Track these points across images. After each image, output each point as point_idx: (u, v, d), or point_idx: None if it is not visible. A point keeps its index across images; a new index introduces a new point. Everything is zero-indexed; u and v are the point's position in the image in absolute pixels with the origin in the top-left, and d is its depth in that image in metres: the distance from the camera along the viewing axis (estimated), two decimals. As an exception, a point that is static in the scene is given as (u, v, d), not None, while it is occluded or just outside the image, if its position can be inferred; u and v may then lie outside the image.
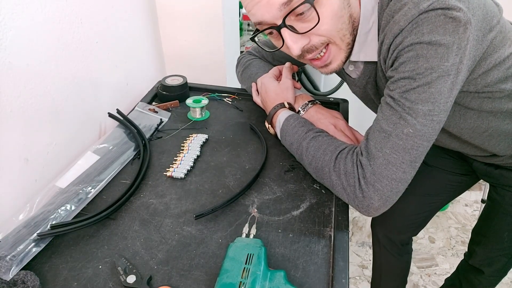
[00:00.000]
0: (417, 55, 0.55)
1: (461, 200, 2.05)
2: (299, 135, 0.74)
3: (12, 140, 0.65)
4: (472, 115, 0.71)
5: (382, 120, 0.60)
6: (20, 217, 0.64)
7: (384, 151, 0.59)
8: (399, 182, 0.60)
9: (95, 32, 0.85)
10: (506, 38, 0.63)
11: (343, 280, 0.56)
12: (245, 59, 0.98)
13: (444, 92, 0.56)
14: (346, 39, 0.64)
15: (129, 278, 0.55)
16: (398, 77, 0.57)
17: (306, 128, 0.74)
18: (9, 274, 0.55)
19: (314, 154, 0.69)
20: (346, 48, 0.66)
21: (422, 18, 0.54)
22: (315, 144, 0.70)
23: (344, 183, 0.64)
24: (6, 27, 0.61)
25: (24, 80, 0.66)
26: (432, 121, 0.57)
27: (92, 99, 0.87)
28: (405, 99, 0.57)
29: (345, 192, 0.65)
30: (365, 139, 0.63)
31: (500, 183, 0.91)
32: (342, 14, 0.61)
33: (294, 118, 0.77)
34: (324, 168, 0.67)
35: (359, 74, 0.72)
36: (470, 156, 0.92)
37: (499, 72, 0.64)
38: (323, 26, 0.61)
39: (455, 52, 0.54)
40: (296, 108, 0.86)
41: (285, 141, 0.79)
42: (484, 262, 1.07)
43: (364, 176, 0.61)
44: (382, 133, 0.60)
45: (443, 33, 0.53)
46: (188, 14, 1.13)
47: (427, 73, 0.55)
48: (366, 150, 0.62)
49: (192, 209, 0.69)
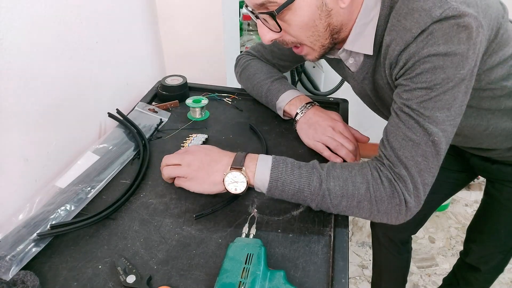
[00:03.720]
0: (434, 66, 0.56)
1: (461, 200, 2.05)
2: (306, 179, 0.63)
3: (12, 140, 0.65)
4: (472, 113, 0.71)
5: (406, 129, 0.60)
6: (20, 217, 0.64)
7: (416, 159, 0.60)
8: (430, 185, 0.62)
9: (95, 32, 0.85)
10: (511, 37, 0.65)
11: (343, 280, 0.56)
12: (243, 59, 0.98)
13: (459, 97, 0.58)
14: (319, 43, 0.66)
15: (129, 278, 0.55)
16: (414, 87, 0.58)
17: (307, 168, 0.65)
18: (9, 274, 0.55)
19: (342, 193, 0.62)
20: (320, 49, 0.68)
21: (436, 28, 0.55)
22: (336, 182, 0.62)
23: (388, 207, 0.61)
24: (6, 27, 0.61)
25: (24, 80, 0.66)
26: (450, 125, 0.59)
27: (92, 99, 0.87)
28: (424, 109, 0.58)
29: (386, 216, 0.63)
30: (390, 148, 0.62)
31: (498, 177, 0.93)
32: (316, 24, 0.62)
33: (282, 162, 0.65)
34: (362, 202, 0.62)
35: (358, 68, 0.72)
36: (467, 151, 0.92)
37: (502, 70, 0.66)
38: (292, 31, 0.64)
39: (470, 58, 0.56)
40: (294, 110, 0.86)
41: (283, 191, 0.64)
42: (481, 260, 1.07)
43: (406, 187, 0.61)
44: (410, 142, 0.60)
45: (457, 43, 0.54)
46: (188, 14, 1.13)
47: (444, 83, 0.56)
48: (399, 160, 0.61)
49: (192, 209, 0.69)
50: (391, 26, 0.60)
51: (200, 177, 0.67)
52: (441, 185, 1.04)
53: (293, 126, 0.87)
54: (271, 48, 0.94)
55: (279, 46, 0.92)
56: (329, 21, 0.62)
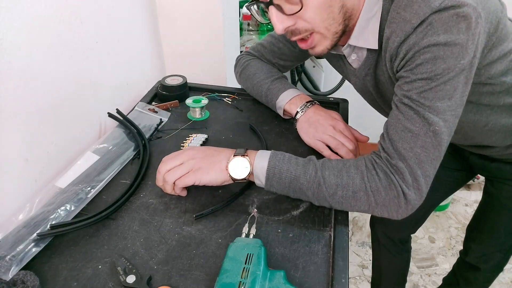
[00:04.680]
0: (434, 57, 0.56)
1: (461, 200, 2.05)
2: (302, 168, 0.65)
3: (12, 140, 0.65)
4: (471, 109, 0.72)
5: (405, 120, 0.60)
6: (20, 217, 0.64)
7: (415, 150, 0.59)
8: (431, 177, 0.61)
9: (95, 32, 0.85)
10: (510, 32, 0.65)
11: (343, 280, 0.56)
12: (243, 59, 0.98)
13: (459, 87, 0.58)
14: (333, 29, 0.65)
15: (129, 278, 0.55)
16: (414, 78, 0.58)
17: (304, 160, 0.67)
18: (9, 274, 0.55)
19: (337, 182, 0.62)
20: (333, 37, 0.66)
21: (435, 18, 0.55)
22: (331, 171, 0.63)
23: (386, 199, 0.61)
24: (6, 27, 0.61)
25: (24, 80, 0.66)
26: (451, 115, 0.59)
27: (92, 99, 0.87)
28: (424, 99, 0.58)
29: (386, 209, 0.62)
30: (388, 140, 0.62)
31: (497, 176, 0.93)
32: (332, 5, 0.62)
33: (280, 153, 0.67)
34: (358, 193, 0.62)
35: (360, 64, 0.72)
36: (466, 149, 0.92)
37: (502, 65, 0.66)
38: (307, 13, 0.62)
39: (470, 48, 0.56)
40: (294, 109, 0.86)
41: (280, 179, 0.65)
42: (480, 259, 1.07)
43: (404, 179, 0.60)
44: (408, 133, 0.60)
45: (457, 32, 0.54)
46: (188, 14, 1.13)
47: (444, 73, 0.56)
48: (396, 152, 0.61)
49: (192, 209, 0.69)
50: (391, 18, 0.60)
51: (205, 166, 0.67)
52: (440, 184, 1.04)
53: (293, 125, 0.87)
54: (271, 48, 0.94)
55: (279, 45, 0.92)
56: (343, 2, 0.62)
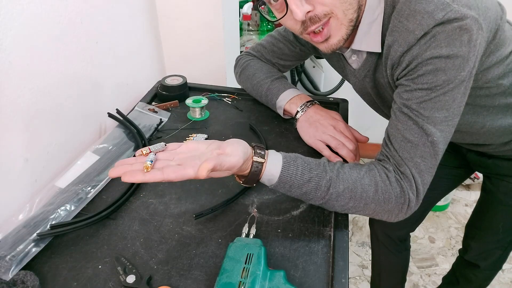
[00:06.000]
0: (436, 68, 0.57)
1: (461, 200, 2.05)
2: (314, 185, 0.62)
3: (12, 140, 0.65)
4: (468, 110, 0.72)
5: (404, 130, 0.61)
6: (20, 217, 0.64)
7: (415, 160, 0.61)
8: (428, 185, 0.63)
9: (95, 32, 0.85)
10: (507, 37, 0.66)
11: (343, 280, 0.56)
12: (243, 59, 0.98)
13: (457, 98, 0.59)
14: (349, 14, 0.63)
15: (129, 278, 0.56)
16: (415, 87, 0.59)
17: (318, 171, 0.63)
18: (9, 274, 0.55)
19: (351, 196, 0.62)
20: (348, 24, 0.64)
21: (439, 30, 0.55)
22: (346, 184, 0.62)
23: (393, 206, 0.62)
24: (6, 27, 0.61)
25: (24, 80, 0.66)
26: (448, 125, 0.60)
27: (92, 99, 0.87)
28: (423, 109, 0.59)
29: (387, 214, 0.64)
30: (393, 149, 0.63)
31: (494, 172, 0.93)
32: None
33: (293, 163, 0.63)
34: (369, 204, 0.62)
35: (360, 65, 0.72)
36: (463, 147, 0.92)
37: (499, 69, 0.67)
38: None
39: (471, 60, 0.57)
40: (294, 108, 0.86)
41: (289, 191, 0.63)
42: (480, 256, 1.08)
43: (411, 186, 0.62)
44: (408, 143, 0.61)
45: (459, 45, 0.55)
46: (188, 14, 1.13)
47: (444, 85, 0.57)
48: (402, 160, 0.62)
49: (191, 209, 0.69)
50: (393, 26, 0.60)
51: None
52: (439, 182, 1.04)
53: (294, 125, 0.87)
54: (271, 47, 0.94)
55: (279, 45, 0.92)
56: None
